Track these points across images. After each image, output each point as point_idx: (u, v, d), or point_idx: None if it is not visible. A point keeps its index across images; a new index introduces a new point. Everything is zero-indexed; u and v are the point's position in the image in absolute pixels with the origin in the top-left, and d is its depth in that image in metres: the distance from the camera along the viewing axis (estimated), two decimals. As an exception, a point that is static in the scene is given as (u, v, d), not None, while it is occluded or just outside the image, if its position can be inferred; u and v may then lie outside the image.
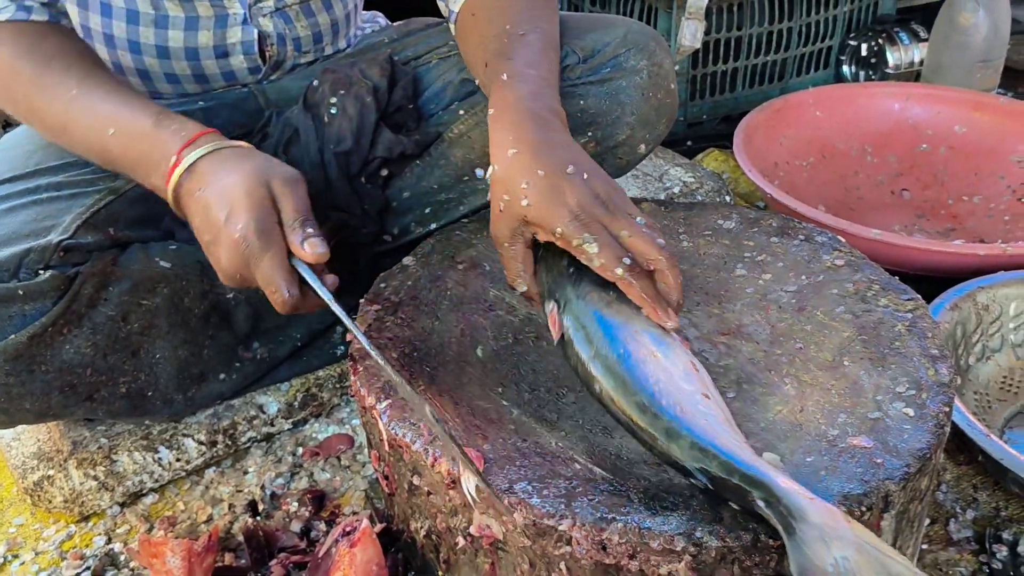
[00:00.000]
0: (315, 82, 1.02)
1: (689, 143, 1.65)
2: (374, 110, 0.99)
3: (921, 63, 1.65)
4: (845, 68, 1.72)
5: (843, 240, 0.92)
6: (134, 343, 0.89)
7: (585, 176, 0.73)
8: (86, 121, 0.84)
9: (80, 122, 0.84)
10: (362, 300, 0.88)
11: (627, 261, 0.69)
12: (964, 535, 0.85)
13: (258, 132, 1.03)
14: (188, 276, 0.92)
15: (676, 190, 1.33)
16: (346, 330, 0.80)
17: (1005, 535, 0.84)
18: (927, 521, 0.86)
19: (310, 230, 0.77)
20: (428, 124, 1.04)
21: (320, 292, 0.76)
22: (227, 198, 0.76)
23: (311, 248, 0.76)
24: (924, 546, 0.84)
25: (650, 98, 0.98)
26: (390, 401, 0.75)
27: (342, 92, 1.00)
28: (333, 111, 0.99)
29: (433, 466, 0.70)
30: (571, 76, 0.94)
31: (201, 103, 1.04)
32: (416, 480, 0.74)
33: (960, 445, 0.92)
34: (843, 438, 0.69)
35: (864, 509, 0.63)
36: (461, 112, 1.02)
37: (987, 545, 0.83)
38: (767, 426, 0.71)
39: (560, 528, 0.64)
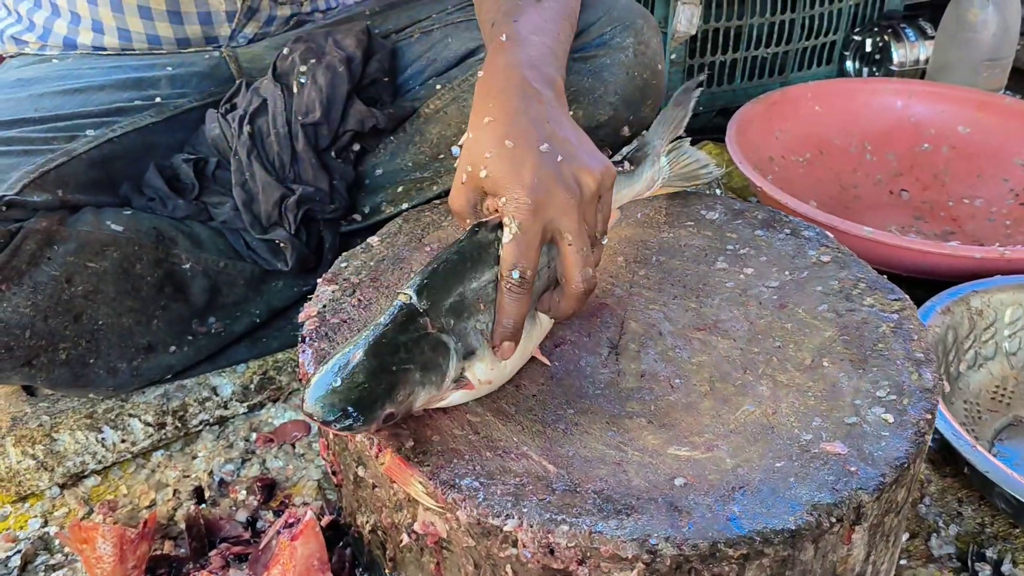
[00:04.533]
0: (285, 50, 0.98)
1: (684, 135, 1.59)
2: (346, 82, 0.95)
3: (927, 61, 1.60)
4: (848, 64, 1.67)
5: (831, 236, 0.87)
6: (77, 307, 0.85)
7: (559, 159, 0.65)
8: None
9: None
10: (319, 280, 0.83)
11: (517, 273, 0.62)
12: (946, 551, 0.80)
13: (226, 102, 0.99)
14: (142, 242, 0.89)
15: (665, 181, 1.27)
16: None
17: (989, 553, 0.79)
18: (906, 536, 0.82)
19: None
20: (404, 99, 1.00)
21: None
22: None
23: None
24: (903, 562, 0.79)
25: (635, 77, 0.95)
26: (337, 386, 0.70)
27: (313, 61, 0.95)
28: (303, 80, 0.95)
29: (377, 457, 0.65)
30: None
31: (170, 68, 1.00)
32: (361, 472, 0.69)
33: (946, 456, 0.87)
34: (816, 443, 0.64)
35: (834, 520, 0.59)
36: (438, 87, 0.98)
37: (969, 563, 0.78)
38: (737, 428, 0.67)
39: (505, 528, 0.59)
